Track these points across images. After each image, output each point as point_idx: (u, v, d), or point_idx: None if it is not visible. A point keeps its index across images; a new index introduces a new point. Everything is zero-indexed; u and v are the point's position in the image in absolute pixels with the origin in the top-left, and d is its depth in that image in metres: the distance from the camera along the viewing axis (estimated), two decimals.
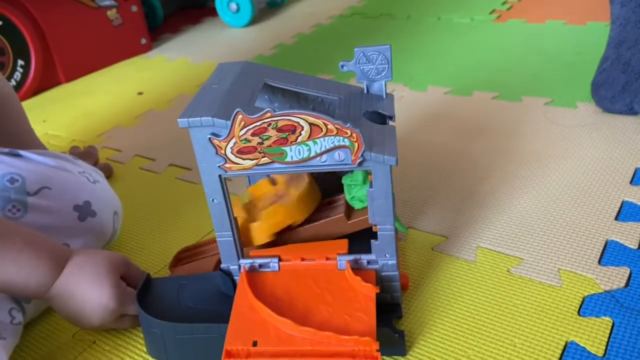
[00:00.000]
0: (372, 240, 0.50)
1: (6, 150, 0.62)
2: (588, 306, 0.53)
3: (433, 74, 1.12)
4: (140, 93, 1.25)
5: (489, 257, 0.61)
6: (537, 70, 1.06)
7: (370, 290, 0.48)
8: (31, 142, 0.76)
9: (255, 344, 0.45)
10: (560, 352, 0.48)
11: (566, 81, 1.00)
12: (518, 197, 0.70)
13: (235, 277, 0.53)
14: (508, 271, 0.58)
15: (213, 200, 0.49)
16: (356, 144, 0.44)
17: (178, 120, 0.45)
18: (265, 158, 0.46)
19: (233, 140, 0.45)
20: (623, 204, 0.66)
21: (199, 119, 0.45)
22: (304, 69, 1.23)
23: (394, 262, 0.51)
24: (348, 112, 0.51)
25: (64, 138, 1.07)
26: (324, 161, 0.46)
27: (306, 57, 1.32)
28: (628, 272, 0.56)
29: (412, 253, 0.63)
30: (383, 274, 0.51)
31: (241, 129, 0.44)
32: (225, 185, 0.48)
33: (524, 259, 0.60)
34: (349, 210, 0.54)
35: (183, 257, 0.61)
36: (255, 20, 1.66)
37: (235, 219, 0.51)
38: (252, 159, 0.46)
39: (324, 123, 0.44)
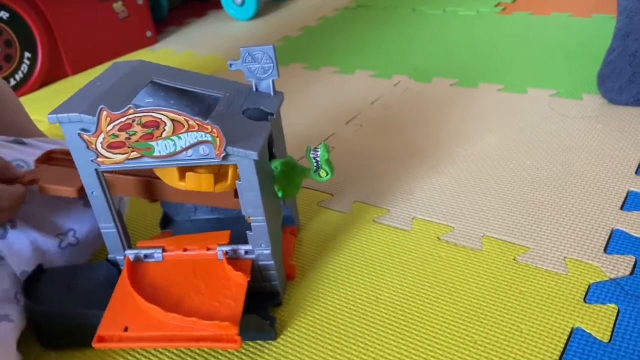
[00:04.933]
0: (247, 231, 0.52)
1: (11, 138, 0.63)
2: (594, 293, 0.53)
3: (438, 65, 1.12)
4: None
5: (495, 246, 0.61)
6: (542, 62, 1.06)
7: (241, 278, 0.51)
8: (32, 132, 0.76)
9: (126, 329, 0.48)
10: (566, 337, 0.49)
11: (571, 73, 1.00)
12: (524, 187, 0.70)
13: (122, 267, 0.55)
14: (514, 259, 0.59)
15: (92, 192, 0.51)
16: (218, 139, 0.46)
17: (47, 116, 0.47)
18: (135, 152, 0.48)
19: (102, 136, 0.47)
20: (628, 193, 0.67)
21: (66, 115, 0.46)
22: (309, 62, 1.23)
23: (269, 251, 0.53)
24: (227, 109, 0.53)
25: None
26: (190, 155, 0.48)
27: (312, 49, 1.32)
28: (633, 260, 0.57)
29: (417, 241, 0.64)
30: (260, 263, 0.54)
31: (107, 125, 0.46)
32: (102, 178, 0.51)
33: (530, 247, 0.60)
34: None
35: (56, 157, 0.61)
36: (260, 13, 1.66)
37: (118, 211, 0.54)
38: (122, 154, 0.48)
39: (185, 119, 0.46)
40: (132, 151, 0.48)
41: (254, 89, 0.58)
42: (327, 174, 0.53)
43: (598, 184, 0.69)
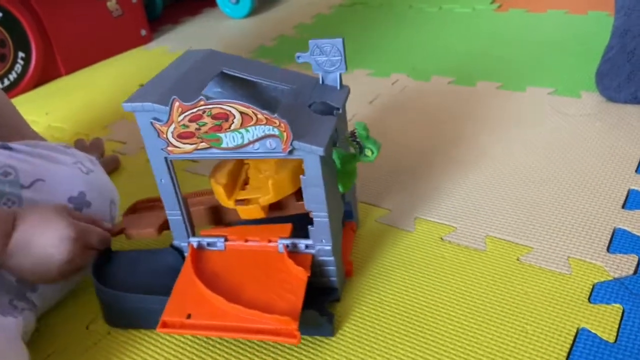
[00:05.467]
0: (309, 226, 0.52)
1: None
2: (598, 293, 0.53)
3: (436, 64, 1.12)
4: (142, 85, 1.24)
5: (498, 246, 0.61)
6: (540, 60, 1.06)
7: (301, 273, 0.51)
8: (25, 134, 0.76)
9: (189, 316, 0.49)
10: (572, 338, 0.49)
11: (569, 71, 1.00)
12: (525, 186, 0.70)
13: (186, 254, 0.56)
14: (518, 260, 0.59)
15: (161, 180, 0.53)
16: (285, 134, 0.47)
17: (123, 105, 0.49)
18: (204, 143, 0.49)
19: (173, 125, 0.48)
20: (629, 192, 0.67)
21: (140, 104, 0.48)
22: None
23: (329, 247, 0.53)
24: (294, 102, 0.53)
25: (67, 130, 1.07)
26: (257, 149, 0.48)
27: (308, 48, 1.31)
28: (637, 259, 0.57)
29: (420, 243, 0.63)
30: (319, 258, 0.54)
31: (179, 115, 0.47)
32: (171, 167, 0.52)
33: (534, 247, 0.60)
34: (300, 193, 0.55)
35: (139, 207, 0.65)
36: (255, 11, 1.65)
37: (184, 198, 0.55)
38: (191, 144, 0.49)
39: (253, 112, 0.46)
40: (201, 142, 0.48)
41: (320, 82, 0.57)
42: (373, 152, 0.52)
43: (599, 183, 0.69)
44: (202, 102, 0.46)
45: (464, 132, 0.85)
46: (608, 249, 0.59)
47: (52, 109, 1.19)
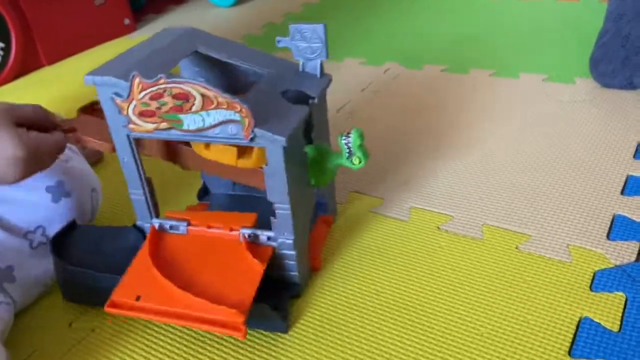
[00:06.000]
0: (271, 218, 0.50)
1: None
2: (600, 281, 0.52)
3: (428, 51, 1.10)
4: None
5: (496, 234, 0.60)
6: (533, 47, 1.05)
7: (257, 266, 0.49)
8: None
9: (138, 299, 0.47)
10: (574, 327, 0.48)
11: (562, 57, 0.99)
12: (521, 174, 0.69)
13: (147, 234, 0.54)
14: (516, 248, 0.57)
15: (124, 159, 0.51)
16: (246, 120, 0.45)
17: (84, 77, 0.47)
18: (165, 123, 0.47)
19: (134, 103, 0.46)
20: (628, 178, 0.66)
21: (100, 77, 0.46)
22: None
23: (291, 241, 0.51)
24: (269, 88, 0.51)
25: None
26: (217, 133, 0.46)
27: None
28: (638, 246, 0.56)
29: (416, 232, 0.62)
30: (281, 251, 0.52)
31: (139, 92, 0.45)
32: (134, 145, 0.50)
33: (532, 235, 0.59)
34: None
35: (98, 109, 0.58)
36: None
37: (148, 178, 0.53)
38: (152, 123, 0.47)
39: (214, 95, 0.44)
40: (162, 122, 0.47)
41: (300, 69, 0.55)
42: (360, 161, 0.50)
43: (597, 169, 0.68)
44: (162, 80, 0.44)
45: (458, 120, 0.83)
46: (608, 236, 0.57)
47: (33, 100, 1.14)
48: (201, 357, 0.50)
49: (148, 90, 0.45)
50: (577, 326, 0.48)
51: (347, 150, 0.50)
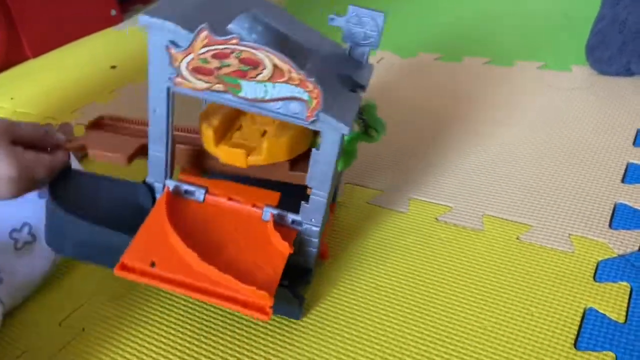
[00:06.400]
0: (302, 202, 0.48)
1: None
2: (603, 271, 0.51)
3: (422, 40, 1.08)
4: (113, 67, 1.18)
5: (496, 225, 0.58)
6: (528, 34, 1.03)
7: (285, 248, 0.47)
8: None
9: (152, 265, 0.43)
10: (579, 319, 0.47)
11: (558, 44, 0.98)
12: (521, 163, 0.68)
13: (158, 195, 0.50)
14: (517, 239, 0.56)
15: (155, 110, 0.46)
16: (315, 101, 0.41)
17: (139, 17, 0.41)
18: (220, 85, 0.42)
19: (191, 56, 0.41)
20: (628, 165, 0.65)
21: (162, 20, 0.40)
22: None
23: (318, 229, 0.49)
24: (324, 70, 0.48)
25: (34, 115, 1.01)
26: (278, 108, 0.42)
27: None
28: None
29: (415, 224, 0.60)
30: (304, 237, 0.50)
31: (202, 47, 0.40)
32: (171, 100, 0.45)
33: (533, 225, 0.58)
34: (297, 162, 0.51)
35: (105, 124, 0.57)
36: None
37: (172, 137, 0.48)
38: (205, 82, 0.42)
39: (289, 69, 0.40)
40: (217, 83, 0.42)
41: (347, 53, 0.52)
42: (378, 133, 0.48)
43: (596, 157, 0.67)
44: (235, 40, 0.39)
45: (454, 109, 0.82)
46: (610, 225, 0.56)
47: (18, 93, 1.12)
48: (196, 355, 0.48)
49: (213, 47, 0.40)
50: (582, 318, 0.47)
51: (363, 124, 0.49)
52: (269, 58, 0.40)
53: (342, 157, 0.49)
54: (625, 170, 0.64)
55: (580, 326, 0.46)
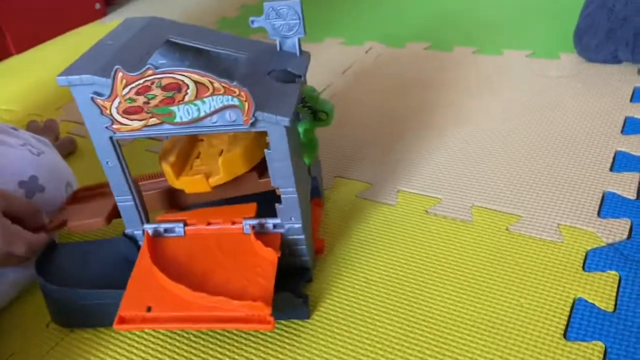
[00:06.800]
0: (276, 204, 0.48)
1: None
2: (592, 261, 0.51)
3: (409, 29, 1.07)
4: None
5: (485, 216, 0.58)
6: (515, 22, 1.03)
7: (271, 255, 0.47)
8: None
9: (149, 309, 0.44)
10: (569, 309, 0.47)
11: (546, 32, 0.97)
12: (509, 152, 0.67)
13: (140, 242, 0.51)
14: (507, 229, 0.56)
15: (107, 163, 0.47)
16: (246, 104, 0.42)
17: (57, 78, 0.42)
18: (154, 119, 0.43)
19: (117, 100, 0.42)
20: (616, 154, 0.65)
21: (78, 76, 0.42)
22: None
23: (300, 225, 0.49)
24: (252, 70, 0.48)
25: (18, 112, 0.99)
26: (215, 122, 0.43)
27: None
28: (629, 223, 0.55)
29: (404, 216, 0.60)
30: (289, 237, 0.50)
31: (123, 87, 0.41)
32: (118, 147, 0.46)
33: (522, 216, 0.57)
34: (263, 169, 0.51)
35: (82, 196, 0.58)
36: None
37: (135, 181, 0.49)
38: (140, 120, 0.43)
39: (209, 81, 0.41)
40: (150, 117, 0.43)
41: (278, 48, 0.52)
42: (328, 115, 0.48)
43: (584, 146, 0.67)
44: (150, 72, 0.40)
45: (443, 99, 0.82)
46: (599, 214, 0.56)
47: (2, 90, 1.10)
48: (186, 354, 0.48)
49: (134, 84, 0.41)
50: (572, 308, 0.47)
51: (310, 112, 0.49)
52: (187, 77, 0.41)
53: (304, 149, 0.49)
54: (614, 158, 0.64)
55: (569, 316, 0.46)
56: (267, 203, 0.50)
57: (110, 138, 0.45)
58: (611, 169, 0.62)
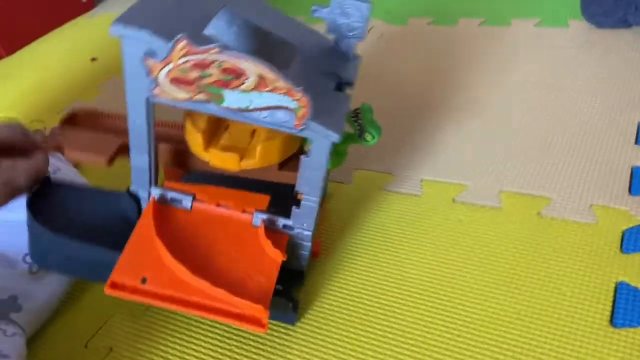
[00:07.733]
0: (293, 207, 0.47)
1: None
2: (629, 241, 0.51)
3: (412, 4, 1.04)
4: (93, 59, 1.13)
5: (515, 201, 0.58)
6: None
7: (277, 256, 0.46)
8: None
9: (144, 281, 0.42)
10: (612, 294, 0.46)
11: None
12: (529, 131, 0.66)
13: (143, 204, 0.48)
14: (538, 214, 0.56)
15: (135, 121, 0.44)
16: (303, 109, 0.40)
17: (110, 28, 0.38)
18: (202, 95, 0.40)
19: (170, 66, 0.39)
20: (639, 125, 0.64)
21: (136, 30, 0.38)
22: None
23: (309, 233, 0.48)
24: (310, 67, 0.46)
25: (18, 120, 0.97)
26: (264, 117, 0.41)
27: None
28: None
29: (431, 206, 0.59)
30: (296, 241, 0.49)
31: (181, 57, 0.38)
32: (150, 111, 0.43)
33: (552, 198, 0.57)
34: (286, 161, 0.50)
35: (82, 120, 0.54)
36: None
37: (155, 145, 0.46)
38: (187, 92, 0.40)
39: (274, 79, 0.39)
40: (199, 92, 0.40)
41: (332, 45, 0.50)
42: (374, 137, 0.47)
43: (605, 119, 0.66)
44: (216, 50, 0.37)
45: (456, 78, 0.80)
46: (630, 191, 0.56)
47: None
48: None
49: (193, 57, 0.38)
50: (614, 293, 0.47)
51: (358, 128, 0.48)
52: (252, 68, 0.38)
53: (333, 156, 0.48)
54: (638, 130, 0.63)
55: (613, 302, 0.46)
56: (275, 194, 0.48)
57: (147, 99, 0.42)
58: (636, 142, 0.61)
